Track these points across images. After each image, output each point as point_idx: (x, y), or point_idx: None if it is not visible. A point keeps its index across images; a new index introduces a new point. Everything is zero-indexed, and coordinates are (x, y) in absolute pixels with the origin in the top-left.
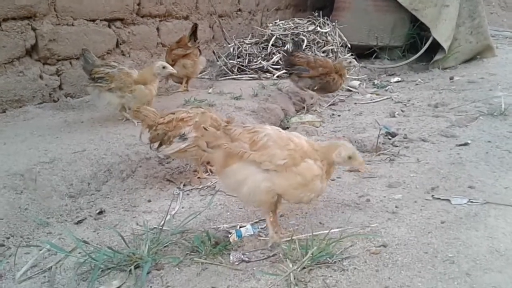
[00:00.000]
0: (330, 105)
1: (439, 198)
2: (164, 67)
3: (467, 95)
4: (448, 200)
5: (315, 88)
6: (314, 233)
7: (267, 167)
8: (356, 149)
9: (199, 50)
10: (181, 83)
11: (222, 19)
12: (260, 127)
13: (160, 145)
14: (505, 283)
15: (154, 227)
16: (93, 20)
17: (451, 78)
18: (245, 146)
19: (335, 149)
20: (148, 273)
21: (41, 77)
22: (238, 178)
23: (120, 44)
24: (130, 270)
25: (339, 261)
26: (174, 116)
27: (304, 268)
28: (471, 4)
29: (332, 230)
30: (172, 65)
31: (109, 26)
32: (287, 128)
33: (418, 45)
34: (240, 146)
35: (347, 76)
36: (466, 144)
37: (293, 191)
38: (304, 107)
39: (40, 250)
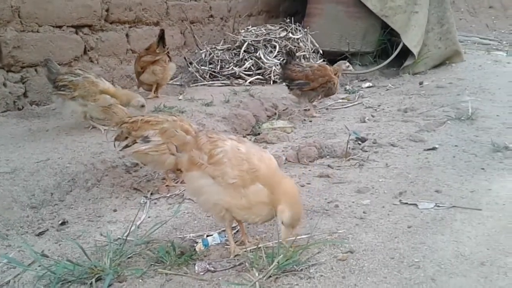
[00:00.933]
0: (302, 110)
1: (406, 203)
2: (142, 106)
3: (435, 100)
4: (415, 204)
5: (319, 98)
6: (281, 241)
7: (219, 182)
8: (297, 221)
9: (169, 57)
10: (151, 90)
11: (194, 25)
12: (222, 140)
13: (127, 146)
14: (469, 287)
15: (118, 238)
16: (60, 27)
17: (421, 83)
18: (204, 157)
19: (285, 202)
20: (109, 285)
21: (4, 84)
22: (197, 185)
23: (88, 50)
24: (91, 283)
25: (306, 268)
26: (140, 117)
27: (270, 276)
28: (440, 10)
29: (299, 237)
30: (142, 72)
31: (77, 33)
32: (259, 134)
33: (389, 51)
34: (200, 156)
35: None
36: (434, 148)
37: (238, 210)
38: (276, 113)
39: None
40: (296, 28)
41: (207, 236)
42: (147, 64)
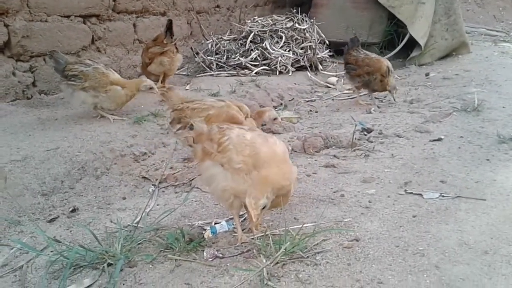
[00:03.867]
0: (308, 101)
1: (411, 193)
2: (150, 88)
3: (442, 91)
4: (420, 194)
5: (357, 85)
6: (288, 228)
7: (226, 169)
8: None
9: (176, 48)
10: (158, 81)
11: (200, 15)
12: (230, 129)
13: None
14: (472, 275)
15: (128, 225)
16: (68, 16)
17: (427, 75)
18: (215, 146)
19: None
20: (121, 270)
21: (14, 74)
22: (208, 174)
23: (96, 40)
24: (103, 268)
25: (312, 255)
26: (188, 105)
27: (277, 263)
28: (447, 1)
29: (306, 225)
30: (149, 64)
31: (84, 22)
32: (265, 124)
33: (395, 42)
34: (211, 146)
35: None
36: (439, 139)
37: (245, 195)
38: (282, 104)
39: (11, 249)
40: (303, 19)
41: (215, 223)
42: (155, 55)
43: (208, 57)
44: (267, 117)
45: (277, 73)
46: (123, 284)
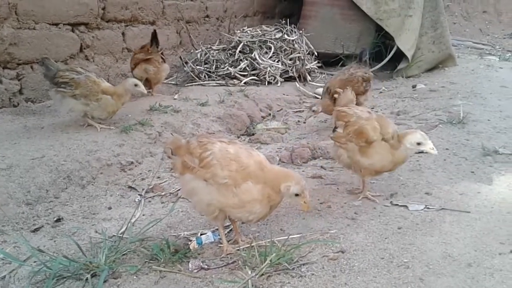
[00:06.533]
0: (296, 112)
1: (397, 205)
2: (136, 85)
3: (428, 103)
4: (406, 206)
5: None
6: (273, 240)
7: (211, 184)
8: (304, 185)
9: (163, 58)
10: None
11: (190, 25)
12: (211, 143)
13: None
14: (456, 287)
15: (113, 235)
16: (56, 24)
17: (414, 87)
18: (196, 161)
19: (285, 180)
20: (105, 281)
21: (0, 81)
22: (190, 187)
23: (84, 48)
24: (87, 279)
25: (298, 267)
26: (339, 108)
27: (262, 275)
28: (434, 14)
29: (292, 236)
30: (134, 69)
31: (73, 31)
32: (253, 134)
33: (383, 54)
34: (191, 160)
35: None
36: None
37: (231, 209)
38: (270, 114)
39: None
40: (292, 30)
41: (201, 234)
42: (139, 61)
43: (197, 67)
44: (407, 140)
45: (266, 83)
46: None
